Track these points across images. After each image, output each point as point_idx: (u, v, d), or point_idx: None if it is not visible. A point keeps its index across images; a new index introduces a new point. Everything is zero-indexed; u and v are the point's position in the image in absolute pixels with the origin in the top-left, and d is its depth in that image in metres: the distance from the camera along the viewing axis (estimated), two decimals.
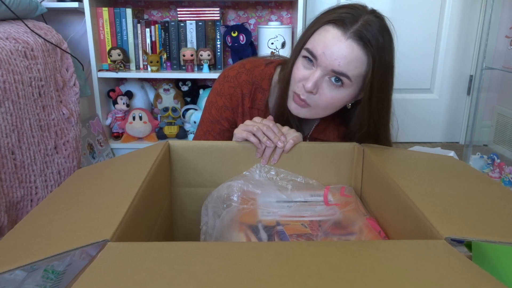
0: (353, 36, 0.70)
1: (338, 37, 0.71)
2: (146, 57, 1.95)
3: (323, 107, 0.77)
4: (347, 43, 0.70)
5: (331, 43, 0.71)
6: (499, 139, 2.22)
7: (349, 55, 0.70)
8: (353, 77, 0.72)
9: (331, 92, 0.74)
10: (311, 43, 0.74)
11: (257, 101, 0.89)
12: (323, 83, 0.74)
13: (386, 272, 0.36)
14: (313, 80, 0.73)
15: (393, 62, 0.75)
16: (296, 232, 0.59)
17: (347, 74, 0.71)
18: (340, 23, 0.71)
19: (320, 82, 0.74)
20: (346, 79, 0.72)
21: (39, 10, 1.55)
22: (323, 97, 0.75)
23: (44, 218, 0.49)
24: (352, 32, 0.70)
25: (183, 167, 0.74)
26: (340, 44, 0.70)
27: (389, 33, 0.74)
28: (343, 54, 0.70)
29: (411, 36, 2.19)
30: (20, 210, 1.18)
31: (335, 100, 0.75)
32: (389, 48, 0.74)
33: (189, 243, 0.41)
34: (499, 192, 0.55)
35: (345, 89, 0.74)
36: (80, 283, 0.34)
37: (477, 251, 0.52)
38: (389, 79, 0.76)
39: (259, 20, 2.15)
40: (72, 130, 1.42)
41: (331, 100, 0.75)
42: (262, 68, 0.89)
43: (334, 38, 0.71)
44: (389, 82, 0.77)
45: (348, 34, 0.70)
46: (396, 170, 0.62)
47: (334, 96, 0.75)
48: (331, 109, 0.79)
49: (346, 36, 0.70)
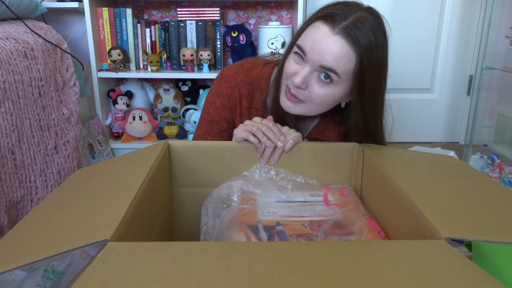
0: (341, 32, 0.70)
1: (327, 33, 0.71)
2: (146, 57, 1.95)
3: (315, 104, 0.77)
4: (335, 39, 0.70)
5: (319, 38, 0.71)
6: (499, 139, 2.22)
7: (337, 51, 0.70)
8: (341, 73, 0.72)
9: (321, 89, 0.74)
10: (302, 39, 0.75)
11: (255, 101, 0.89)
12: (312, 79, 0.74)
13: (386, 272, 0.36)
14: (301, 76, 0.73)
15: (386, 60, 0.75)
16: (296, 232, 0.59)
17: (335, 70, 0.71)
18: (330, 19, 0.71)
19: (309, 78, 0.74)
20: (334, 75, 0.72)
21: (39, 10, 1.55)
22: (313, 93, 0.75)
23: (44, 218, 0.49)
24: (341, 28, 0.70)
25: (183, 167, 0.74)
26: (328, 40, 0.70)
27: (382, 31, 0.73)
28: (330, 50, 0.70)
29: (411, 36, 2.19)
30: (20, 210, 1.18)
31: (325, 97, 0.75)
32: (382, 46, 0.73)
33: (189, 243, 0.41)
34: (499, 192, 0.55)
35: (335, 86, 0.74)
36: (80, 283, 0.34)
37: (477, 251, 0.52)
38: (382, 77, 0.76)
39: (259, 20, 2.15)
40: (72, 130, 1.42)
41: (321, 97, 0.75)
42: (260, 68, 0.89)
43: (323, 34, 0.71)
44: (382, 80, 0.76)
45: (336, 30, 0.70)
46: (396, 170, 0.62)
47: (323, 93, 0.75)
48: (323, 107, 0.79)
49: (334, 32, 0.70)
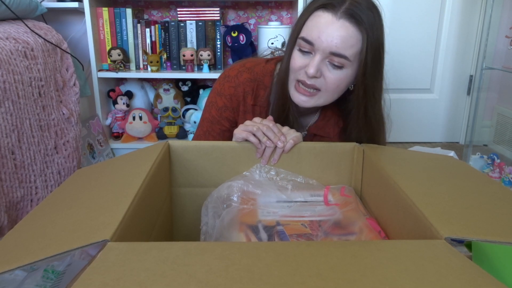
0: (345, 16, 0.72)
1: (330, 19, 0.72)
2: (146, 57, 1.95)
3: (330, 90, 0.78)
4: (340, 23, 0.72)
5: (324, 26, 0.73)
6: (499, 139, 2.22)
7: (344, 34, 0.72)
8: (351, 56, 0.74)
9: (335, 74, 0.76)
10: (305, 31, 0.76)
11: (260, 98, 0.89)
12: (323, 66, 0.76)
13: (386, 272, 0.36)
14: (314, 65, 0.74)
15: (383, 37, 0.77)
16: (296, 232, 0.59)
17: (345, 54, 0.73)
18: (329, 6, 0.73)
19: (321, 66, 0.75)
20: (345, 60, 0.74)
21: (39, 10, 1.54)
22: (328, 79, 0.76)
23: (44, 218, 0.49)
24: (343, 12, 0.72)
25: (183, 167, 0.74)
26: (334, 26, 0.72)
27: (377, 8, 0.75)
28: (338, 34, 0.72)
29: (411, 36, 2.19)
30: (20, 210, 1.18)
31: (340, 81, 0.77)
32: (379, 23, 0.75)
33: (189, 243, 0.41)
34: (499, 192, 0.55)
35: (346, 69, 0.76)
36: (80, 283, 0.34)
37: (477, 251, 0.52)
38: (382, 55, 0.77)
39: (259, 20, 2.15)
40: (72, 130, 1.42)
41: (337, 82, 0.76)
42: (263, 65, 0.90)
43: (327, 22, 0.72)
44: (382, 58, 0.78)
45: (339, 14, 0.72)
46: (396, 170, 0.62)
47: (337, 77, 0.76)
48: (337, 93, 0.80)
49: (338, 17, 0.72)
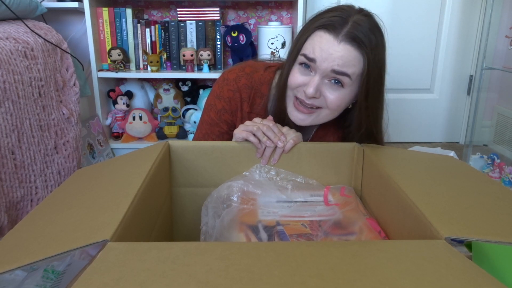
0: (346, 39, 0.71)
1: (332, 41, 0.71)
2: (146, 57, 1.95)
3: (331, 109, 0.77)
4: (341, 46, 0.71)
5: (326, 47, 0.72)
6: (499, 139, 2.22)
7: (346, 56, 0.71)
8: (353, 75, 0.73)
9: (335, 93, 0.75)
10: (307, 49, 0.74)
11: (256, 105, 0.89)
12: (323, 86, 0.75)
13: (386, 272, 0.36)
14: (313, 86, 0.74)
15: (385, 59, 0.76)
16: (296, 232, 0.59)
17: (347, 72, 0.72)
18: (330, 27, 0.72)
19: (320, 86, 0.74)
20: (346, 78, 0.73)
21: (39, 10, 1.54)
22: (329, 99, 0.75)
23: (44, 218, 0.49)
24: (344, 35, 0.71)
25: (183, 167, 0.74)
26: (335, 48, 0.71)
27: (379, 30, 0.74)
28: (339, 55, 0.71)
29: (411, 36, 2.19)
30: (20, 210, 1.18)
31: (341, 100, 0.76)
32: (382, 45, 0.75)
33: (189, 243, 0.41)
34: (499, 192, 0.55)
35: (345, 88, 0.75)
36: (80, 283, 0.34)
37: (477, 251, 0.52)
38: (383, 76, 0.77)
39: (259, 20, 2.15)
40: (72, 130, 1.42)
41: (338, 101, 0.76)
42: (261, 73, 0.89)
43: (328, 43, 0.72)
44: (383, 79, 0.78)
45: (340, 37, 0.71)
46: (396, 170, 0.62)
47: (338, 97, 0.75)
48: (338, 111, 0.79)
49: (339, 40, 0.71)
